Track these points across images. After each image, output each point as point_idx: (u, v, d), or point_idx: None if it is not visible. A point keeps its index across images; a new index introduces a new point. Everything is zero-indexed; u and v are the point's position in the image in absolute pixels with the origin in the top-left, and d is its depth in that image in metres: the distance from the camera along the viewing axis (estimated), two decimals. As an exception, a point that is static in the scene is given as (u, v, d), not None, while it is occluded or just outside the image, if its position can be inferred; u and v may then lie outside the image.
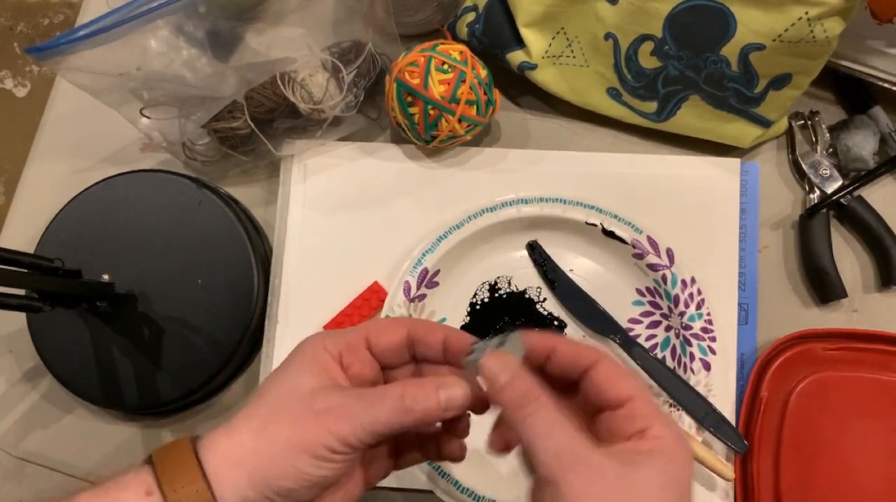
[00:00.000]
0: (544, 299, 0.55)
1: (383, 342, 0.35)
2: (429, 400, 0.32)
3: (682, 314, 0.52)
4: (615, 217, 0.54)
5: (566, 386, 0.33)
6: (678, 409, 0.51)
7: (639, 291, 0.55)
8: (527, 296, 0.56)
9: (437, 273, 0.55)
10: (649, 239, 0.53)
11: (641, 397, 0.30)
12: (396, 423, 0.31)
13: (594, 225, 0.54)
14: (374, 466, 0.37)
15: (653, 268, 0.53)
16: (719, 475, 0.49)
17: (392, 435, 0.33)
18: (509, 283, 0.56)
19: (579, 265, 0.56)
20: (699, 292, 0.53)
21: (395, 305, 0.54)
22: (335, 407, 0.31)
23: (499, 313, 0.55)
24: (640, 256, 0.54)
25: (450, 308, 0.56)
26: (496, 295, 0.56)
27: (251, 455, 0.30)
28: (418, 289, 0.54)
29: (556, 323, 0.55)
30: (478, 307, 0.56)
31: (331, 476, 0.31)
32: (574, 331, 0.55)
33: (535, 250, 0.56)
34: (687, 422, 0.50)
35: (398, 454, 0.38)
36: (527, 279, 0.56)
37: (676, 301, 0.52)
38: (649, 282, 0.54)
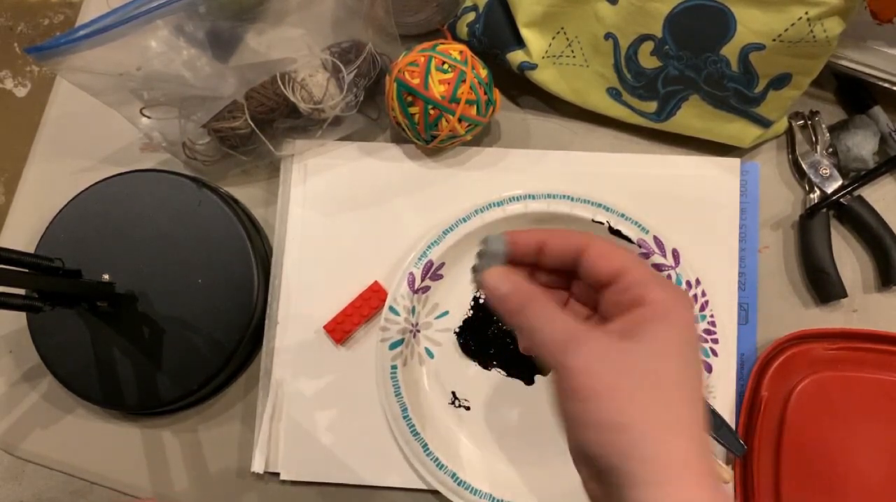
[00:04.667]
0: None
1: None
2: None
3: (682, 314, 0.52)
4: (622, 216, 0.54)
5: (571, 278, 0.35)
6: (678, 409, 0.51)
7: (640, 291, 0.55)
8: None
9: (441, 266, 0.55)
10: (655, 239, 0.53)
11: (634, 266, 0.31)
12: None
13: (601, 223, 0.54)
14: None
15: (658, 268, 0.53)
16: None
17: None
18: None
19: (581, 264, 0.56)
20: (703, 294, 0.53)
21: (398, 296, 0.54)
22: None
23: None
24: (645, 256, 0.54)
25: (453, 301, 0.56)
26: None
27: None
28: (422, 280, 0.54)
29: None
30: (481, 301, 0.56)
31: None
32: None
33: (538, 248, 0.56)
34: (687, 422, 0.50)
35: None
36: (529, 277, 0.56)
37: (678, 301, 0.52)
38: (651, 282, 0.54)
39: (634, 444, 0.27)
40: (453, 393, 0.55)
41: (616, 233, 0.54)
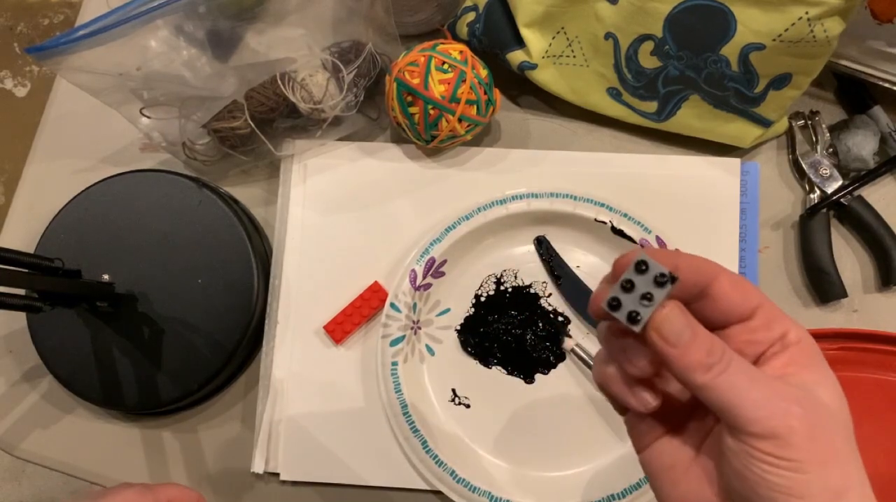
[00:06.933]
0: (549, 294, 0.56)
1: None
2: None
3: (683, 314, 0.52)
4: (625, 216, 0.54)
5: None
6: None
7: (642, 291, 0.55)
8: (532, 290, 0.56)
9: (443, 263, 0.55)
10: (658, 239, 0.53)
11: (767, 300, 0.28)
12: None
13: (603, 222, 0.54)
14: None
15: (658, 268, 0.53)
16: None
17: None
18: (515, 277, 0.56)
19: (586, 262, 0.56)
20: None
21: (400, 293, 0.54)
22: None
23: (504, 306, 0.55)
24: (646, 256, 0.54)
25: (455, 299, 0.56)
26: (501, 288, 0.56)
27: None
28: (424, 278, 0.54)
29: (560, 318, 0.55)
30: (483, 299, 0.56)
31: None
32: (577, 327, 0.55)
33: (542, 245, 0.56)
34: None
35: None
36: (533, 273, 0.56)
37: (679, 301, 0.52)
38: (654, 282, 0.54)
39: None
40: (453, 390, 0.55)
41: (619, 232, 0.54)
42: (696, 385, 0.26)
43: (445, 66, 0.52)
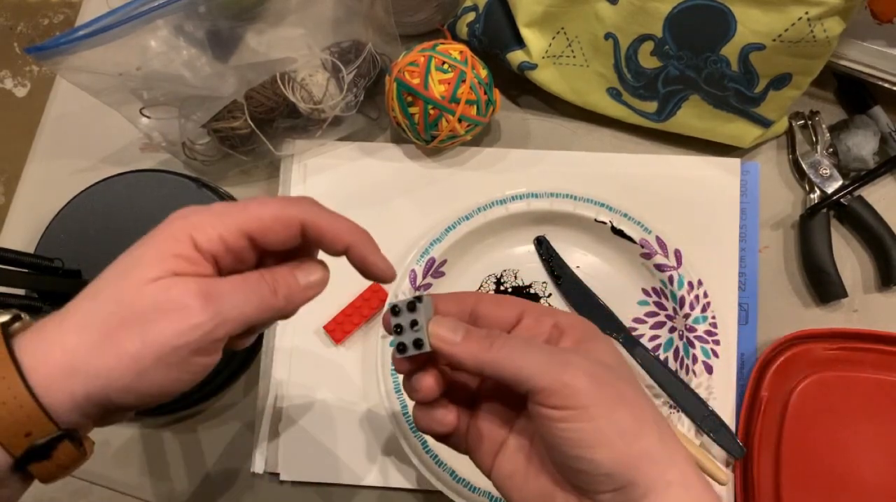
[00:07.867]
0: (549, 294, 0.56)
1: (272, 242, 0.31)
2: (290, 286, 0.32)
3: (686, 316, 0.52)
4: (625, 216, 0.54)
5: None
6: (678, 411, 0.51)
7: (644, 291, 0.55)
8: (532, 290, 0.56)
9: (443, 263, 0.55)
10: (658, 239, 0.53)
11: (529, 303, 0.33)
12: (263, 313, 0.30)
13: (603, 222, 0.54)
14: None
15: (660, 268, 0.53)
16: (713, 478, 0.49)
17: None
18: (515, 277, 0.56)
19: (586, 262, 0.56)
20: (705, 295, 0.53)
21: (400, 293, 0.54)
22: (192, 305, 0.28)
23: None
24: (647, 256, 0.54)
25: (454, 299, 0.56)
26: (501, 288, 0.56)
27: (87, 366, 0.28)
28: (424, 278, 0.54)
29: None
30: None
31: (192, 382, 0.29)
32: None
33: (542, 245, 0.56)
34: (686, 425, 0.50)
35: None
36: (533, 274, 0.56)
37: (682, 302, 0.52)
38: (656, 282, 0.54)
39: (648, 450, 0.28)
40: (453, 392, 0.55)
41: (619, 232, 0.54)
42: (485, 362, 0.29)
43: (445, 66, 0.52)
